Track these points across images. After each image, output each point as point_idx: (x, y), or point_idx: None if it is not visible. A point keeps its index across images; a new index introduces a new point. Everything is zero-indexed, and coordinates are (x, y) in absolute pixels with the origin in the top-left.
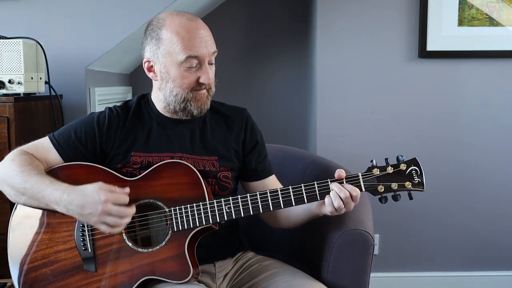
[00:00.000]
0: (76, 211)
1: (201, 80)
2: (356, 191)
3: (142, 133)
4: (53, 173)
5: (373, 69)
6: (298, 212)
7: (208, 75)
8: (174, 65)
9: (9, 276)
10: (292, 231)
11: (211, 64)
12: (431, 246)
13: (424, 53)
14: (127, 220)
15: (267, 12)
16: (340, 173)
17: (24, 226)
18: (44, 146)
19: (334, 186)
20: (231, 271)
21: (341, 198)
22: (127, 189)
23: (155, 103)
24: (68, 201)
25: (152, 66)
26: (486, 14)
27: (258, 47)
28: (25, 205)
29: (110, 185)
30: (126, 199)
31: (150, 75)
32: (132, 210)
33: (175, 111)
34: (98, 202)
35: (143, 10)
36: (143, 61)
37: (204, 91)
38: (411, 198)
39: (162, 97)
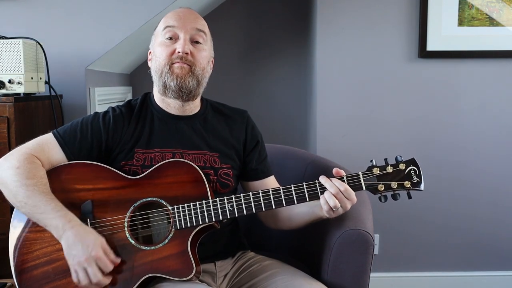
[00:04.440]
0: (65, 245)
1: (176, 49)
2: (343, 186)
3: (145, 129)
4: (56, 172)
5: (373, 69)
6: (301, 214)
7: (183, 44)
8: (158, 42)
9: (10, 276)
10: (292, 231)
11: (196, 42)
12: (431, 246)
13: (424, 53)
14: (105, 280)
15: (267, 11)
16: (337, 171)
17: (25, 224)
18: (48, 145)
19: (325, 184)
20: (231, 271)
21: (333, 194)
22: (119, 260)
23: (156, 99)
24: (65, 235)
25: (150, 53)
26: (486, 14)
27: (258, 46)
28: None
29: (108, 249)
30: (110, 268)
31: (149, 64)
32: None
33: (164, 92)
34: (88, 254)
35: (143, 10)
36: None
37: (183, 64)
38: (410, 197)
39: (155, 83)
